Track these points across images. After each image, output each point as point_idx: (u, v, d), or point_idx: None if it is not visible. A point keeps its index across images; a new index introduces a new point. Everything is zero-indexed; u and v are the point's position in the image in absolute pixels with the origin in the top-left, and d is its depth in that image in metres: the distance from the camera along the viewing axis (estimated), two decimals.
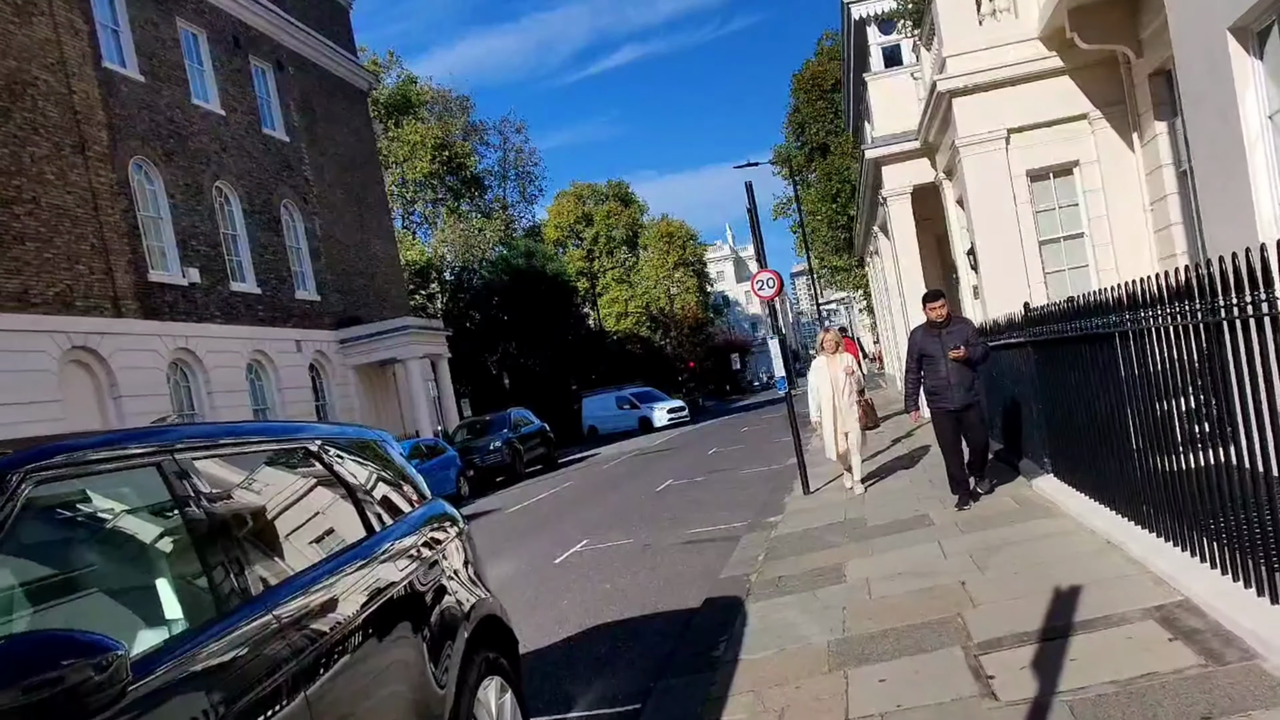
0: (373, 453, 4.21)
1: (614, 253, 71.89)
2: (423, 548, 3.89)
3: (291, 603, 2.81)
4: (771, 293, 11.91)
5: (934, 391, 8.99)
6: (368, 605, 3.20)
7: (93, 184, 21.44)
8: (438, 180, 52.19)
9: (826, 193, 39.98)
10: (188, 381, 23.93)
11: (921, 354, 9.09)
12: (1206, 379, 4.95)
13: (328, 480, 3.51)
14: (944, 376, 8.83)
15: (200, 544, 2.66)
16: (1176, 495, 5.63)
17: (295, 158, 29.86)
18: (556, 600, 9.19)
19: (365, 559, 3.38)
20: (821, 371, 11.27)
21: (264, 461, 3.27)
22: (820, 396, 11.26)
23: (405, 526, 3.88)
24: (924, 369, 9.09)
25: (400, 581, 3.51)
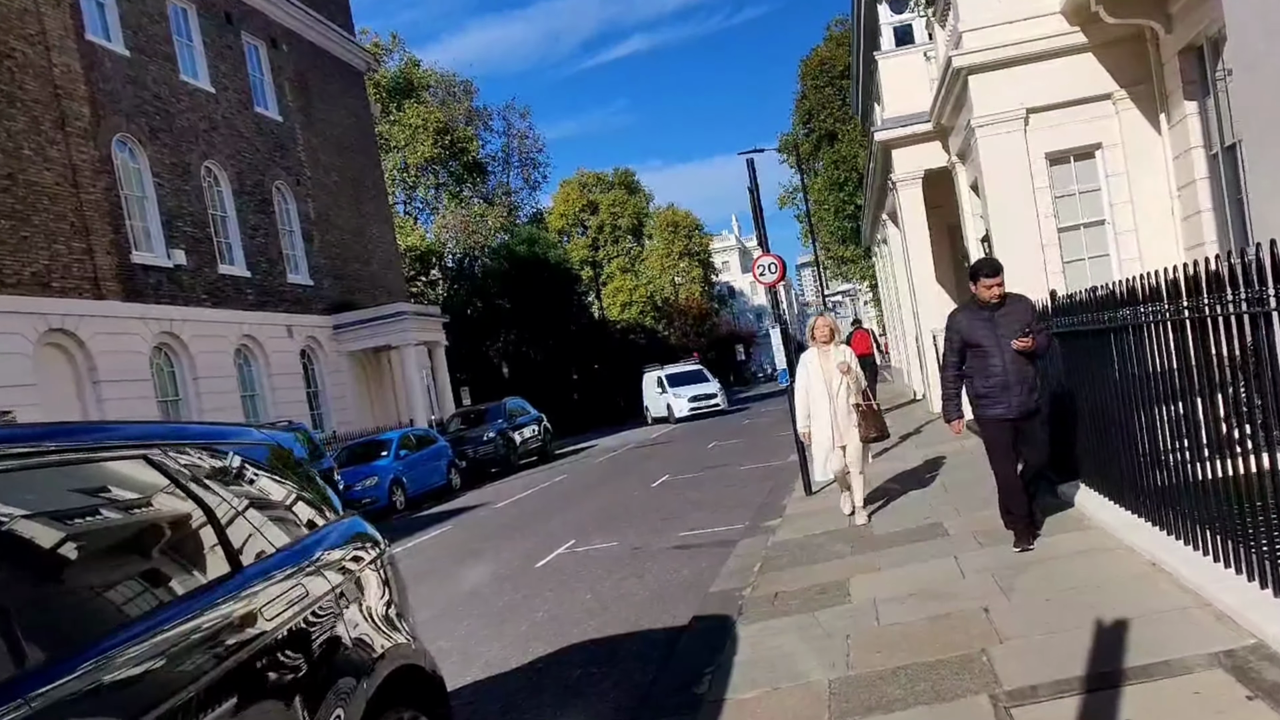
0: (257, 461, 3.33)
1: (619, 241, 70.99)
2: (317, 581, 3.04)
3: (76, 679, 1.96)
4: (774, 279, 11.05)
5: (985, 395, 6.71)
6: (213, 667, 2.35)
7: (73, 161, 20.60)
8: (440, 165, 51.30)
9: (833, 181, 39.05)
10: (172, 366, 23.12)
11: (966, 344, 6.78)
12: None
13: (171, 500, 2.65)
14: (1000, 374, 6.61)
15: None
16: (1240, 512, 4.77)
17: (289, 138, 28.99)
18: (532, 611, 8.35)
19: (219, 603, 2.53)
20: (813, 368, 8.90)
21: (71, 476, 2.41)
22: (811, 399, 8.90)
23: (291, 556, 3.02)
24: (970, 364, 6.83)
25: (271, 631, 2.66)
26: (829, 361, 8.84)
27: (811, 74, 40.39)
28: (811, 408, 8.89)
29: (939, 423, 16.37)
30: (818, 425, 8.87)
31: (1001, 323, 6.65)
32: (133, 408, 20.98)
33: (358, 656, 3.07)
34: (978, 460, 11.18)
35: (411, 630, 3.63)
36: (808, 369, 8.94)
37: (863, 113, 27.65)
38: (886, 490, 10.31)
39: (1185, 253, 13.69)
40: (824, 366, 8.84)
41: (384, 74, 48.93)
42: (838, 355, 8.90)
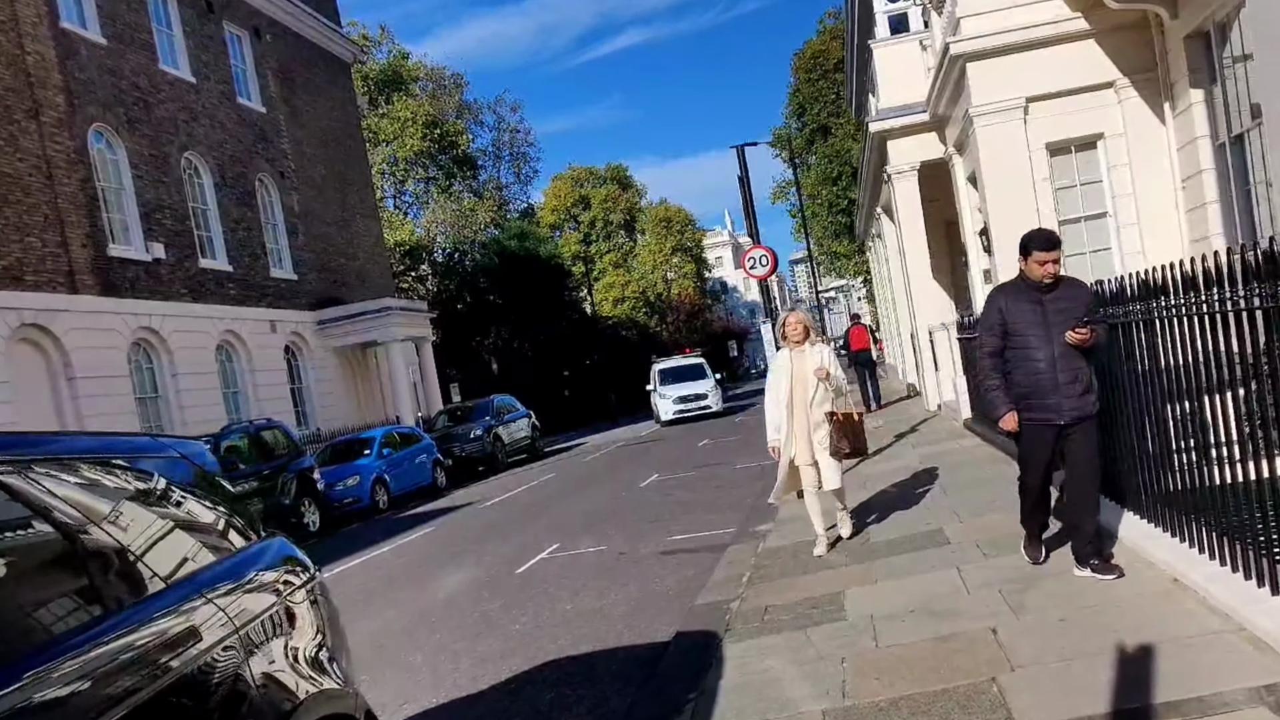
0: (150, 478, 2.85)
1: (611, 237, 70.56)
2: (219, 618, 2.57)
3: None
4: (765, 272, 10.60)
5: (1028, 393, 5.61)
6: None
7: (47, 151, 20.07)
8: (429, 159, 50.75)
9: (827, 175, 38.60)
10: (151, 363, 22.59)
11: (1009, 331, 5.67)
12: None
13: (29, 529, 2.17)
14: (1045, 370, 5.53)
15: None
16: (1273, 522, 4.33)
17: (272, 130, 28.44)
18: (509, 623, 7.88)
19: (85, 649, 2.05)
20: (784, 372, 7.64)
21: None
22: (782, 409, 7.59)
23: (189, 589, 2.55)
24: (1008, 354, 5.71)
25: (156, 680, 2.19)
26: (804, 365, 7.51)
27: (804, 67, 39.94)
28: (781, 418, 7.60)
29: (935, 420, 15.96)
30: (788, 439, 7.58)
31: (1052, 309, 5.50)
32: (110, 405, 20.49)
33: (273, 706, 2.60)
34: (978, 459, 10.77)
35: (344, 672, 3.16)
36: (779, 373, 7.71)
37: (857, 105, 27.21)
38: (882, 493, 9.86)
39: (1190, 246, 13.27)
40: (797, 371, 7.53)
41: (372, 66, 48.36)
42: (814, 358, 7.51)
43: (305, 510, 16.94)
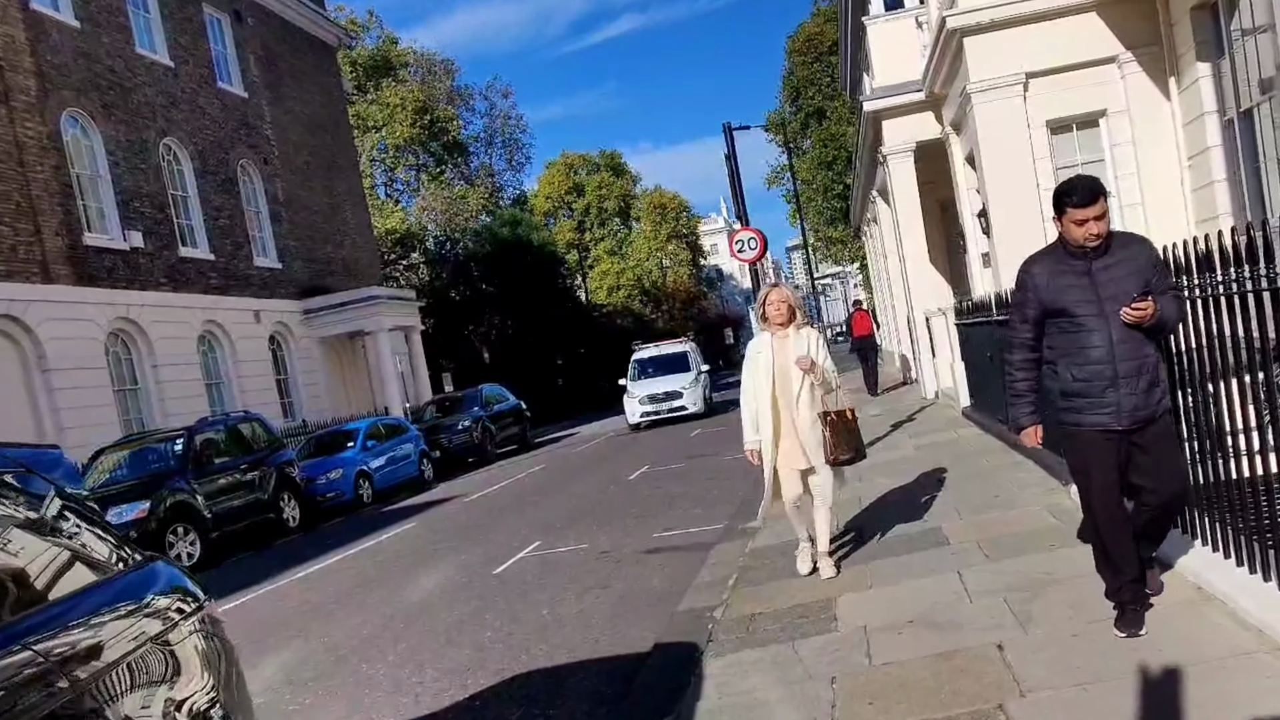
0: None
1: (606, 224, 69.98)
2: (69, 665, 2.08)
3: None
4: (754, 255, 10.08)
5: (1078, 393, 4.33)
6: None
7: (18, 137, 19.50)
8: (419, 145, 50.13)
9: (822, 160, 38.06)
10: (130, 354, 22.06)
11: (1049, 311, 4.37)
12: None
13: None
14: (1103, 360, 4.23)
15: None
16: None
17: (255, 115, 27.85)
18: (480, 631, 7.40)
19: None
20: (763, 362, 6.42)
21: None
22: (760, 406, 6.42)
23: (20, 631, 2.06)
24: (1053, 343, 4.41)
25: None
26: (786, 353, 6.31)
27: (798, 50, 39.35)
28: (760, 417, 6.41)
29: (933, 409, 15.49)
30: (770, 440, 6.36)
31: (1105, 279, 4.22)
32: (86, 397, 19.98)
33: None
34: (978, 450, 10.30)
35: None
36: (756, 363, 6.45)
37: (851, 85, 26.67)
38: (876, 486, 9.39)
39: (1196, 226, 12.80)
40: (779, 360, 6.32)
41: (361, 52, 47.72)
42: (798, 344, 6.31)
43: (284, 505, 16.44)
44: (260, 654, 7.94)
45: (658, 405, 26.12)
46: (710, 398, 28.21)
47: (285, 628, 8.81)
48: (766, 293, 6.55)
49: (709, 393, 28.32)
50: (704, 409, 26.45)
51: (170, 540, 13.46)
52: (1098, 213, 4.19)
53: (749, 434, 6.54)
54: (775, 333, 6.42)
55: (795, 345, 6.33)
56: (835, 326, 62.81)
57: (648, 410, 26.17)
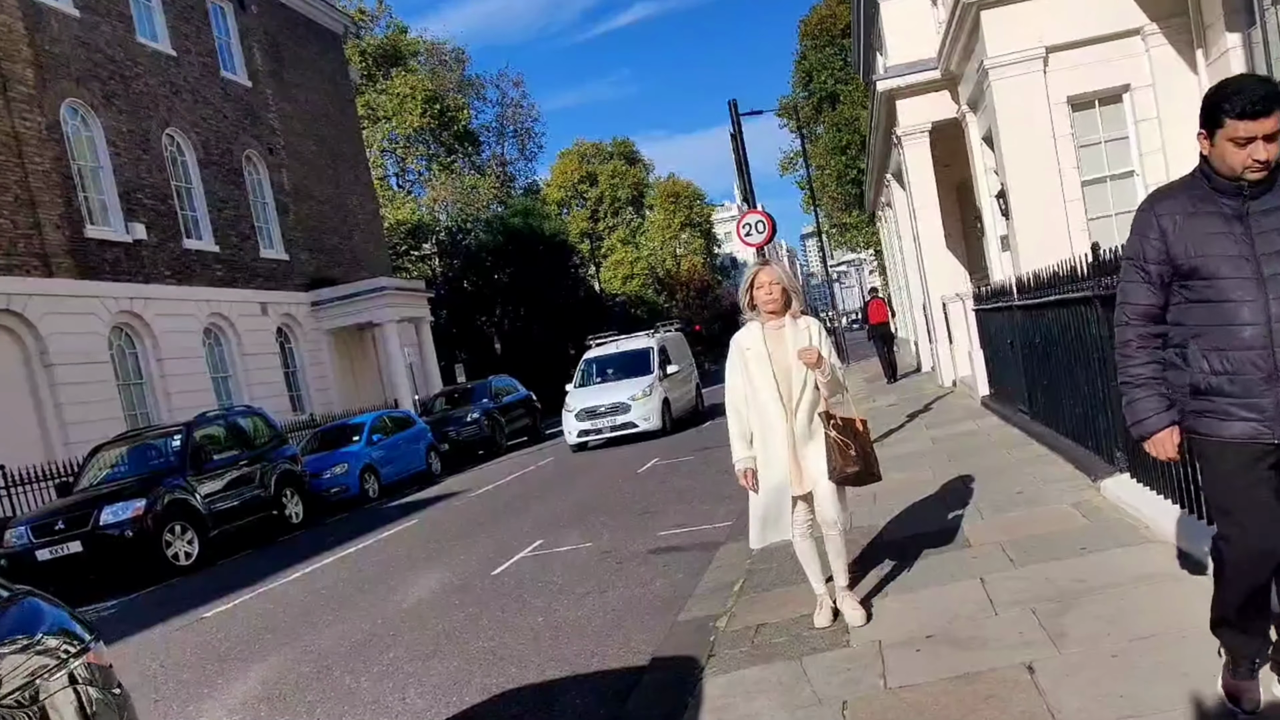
0: None
1: (619, 213, 69.47)
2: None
3: None
4: (762, 238, 9.58)
5: (1214, 387, 3.04)
6: None
7: (16, 128, 19.15)
8: (430, 135, 49.70)
9: (835, 144, 37.43)
10: (134, 347, 21.74)
11: (1179, 271, 3.07)
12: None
13: None
14: (1253, 341, 2.95)
15: None
16: None
17: (260, 105, 27.45)
18: (472, 639, 6.96)
19: None
20: (753, 358, 5.11)
21: None
22: (752, 414, 5.13)
23: None
24: (1181, 314, 3.11)
25: None
26: (783, 347, 5.03)
27: (811, 34, 38.70)
28: (754, 427, 5.08)
29: (951, 398, 14.96)
30: (768, 459, 5.02)
31: (1266, 226, 2.96)
32: (91, 392, 19.66)
33: None
34: (998, 443, 9.78)
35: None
36: (745, 360, 5.11)
37: (864, 67, 26.07)
38: (892, 482, 8.88)
39: None
40: (774, 355, 5.03)
41: (370, 41, 47.31)
42: (797, 336, 5.02)
43: (287, 501, 16.04)
44: (245, 663, 7.53)
45: (597, 422, 20.02)
46: (699, 401, 23.71)
47: (273, 633, 8.40)
48: (754, 273, 5.14)
49: (694, 397, 23.44)
50: (662, 425, 20.16)
51: (167, 539, 13.08)
52: (1270, 129, 2.86)
53: (739, 449, 5.11)
54: (767, 323, 5.08)
55: (793, 338, 5.02)
56: (851, 314, 62.01)
57: (585, 429, 20.10)
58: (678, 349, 23.50)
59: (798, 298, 5.15)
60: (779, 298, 5.05)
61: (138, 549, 12.73)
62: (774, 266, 5.18)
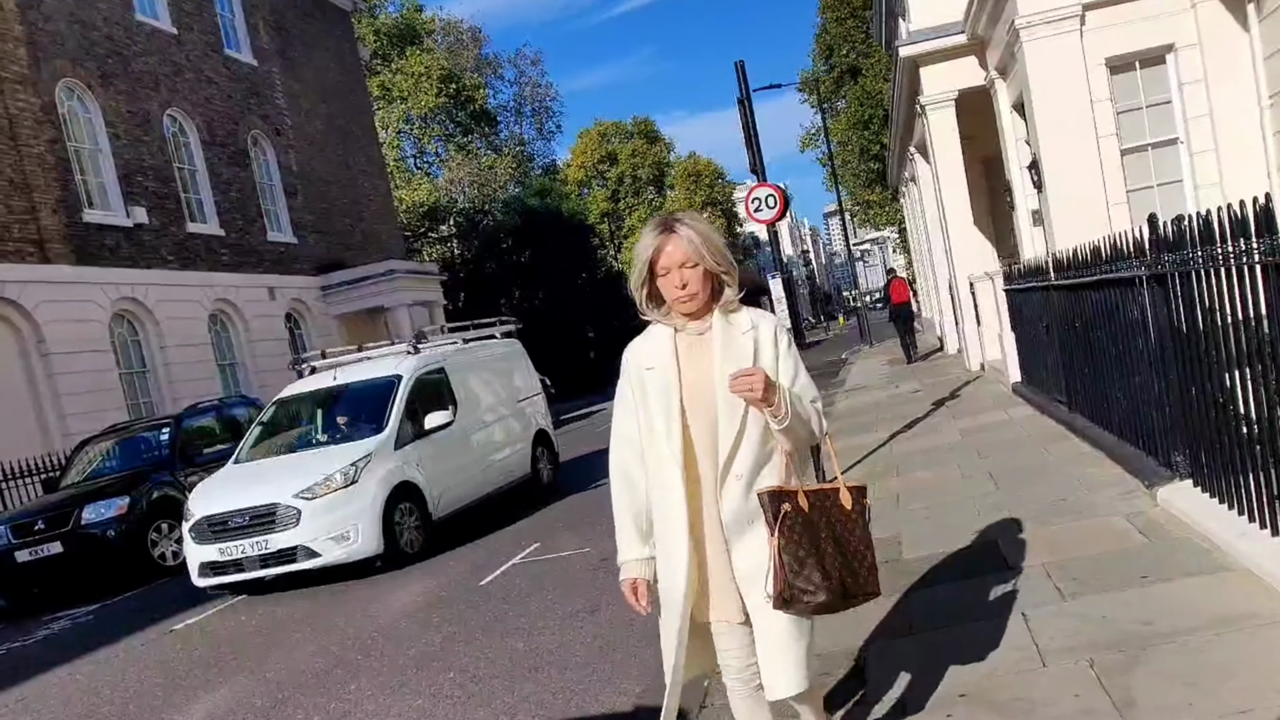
0: None
1: (640, 193, 68.47)
2: None
3: None
4: (773, 215, 8.69)
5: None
6: None
7: (9, 110, 18.46)
8: (446, 115, 48.85)
9: (857, 119, 36.28)
10: (137, 335, 21.10)
11: None
12: None
13: None
14: None
15: None
16: None
17: (265, 84, 26.67)
18: (444, 669, 6.15)
19: None
20: (656, 383, 2.92)
21: None
22: (651, 478, 2.94)
23: None
24: None
25: None
26: (706, 365, 2.90)
27: (831, 5, 37.49)
28: (653, 500, 2.95)
29: (979, 383, 14.02)
30: (668, 552, 2.89)
31: None
32: (91, 381, 19.03)
33: None
34: (1034, 436, 8.84)
35: None
36: (645, 390, 2.94)
37: (886, 36, 24.98)
38: (914, 483, 8.01)
39: (1278, 174, 11.26)
40: (689, 381, 2.90)
41: (384, 20, 46.47)
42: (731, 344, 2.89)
43: None
44: (197, 691, 6.76)
45: (230, 545, 9.59)
46: (544, 465, 13.55)
47: (237, 655, 7.62)
48: (653, 245, 2.85)
49: (527, 456, 13.06)
50: (380, 547, 9.67)
51: (153, 538, 12.36)
52: None
53: (628, 545, 3.01)
54: (682, 327, 2.96)
55: (725, 349, 2.87)
56: (874, 292, 60.78)
57: (215, 560, 9.68)
58: (492, 372, 13.12)
59: (731, 277, 2.89)
60: (699, 288, 2.84)
61: (121, 549, 12.01)
62: (685, 229, 2.82)
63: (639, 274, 2.93)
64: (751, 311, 2.97)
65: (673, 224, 2.86)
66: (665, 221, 2.88)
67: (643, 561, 2.98)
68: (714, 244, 2.86)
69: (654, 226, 2.88)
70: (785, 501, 2.76)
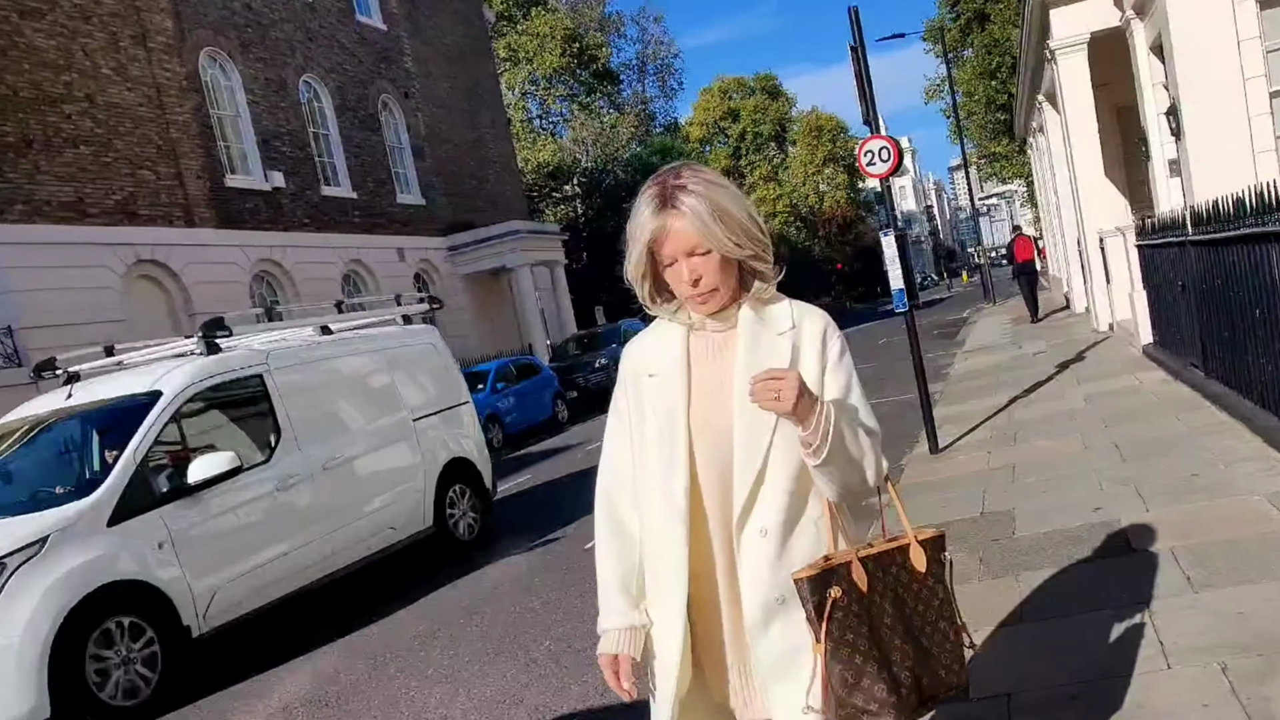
0: None
1: (761, 149, 67.24)
2: None
3: None
4: (886, 168, 8.15)
5: None
6: None
7: (157, 79, 18.97)
8: (570, 75, 48.72)
9: (984, 68, 34.56)
10: (275, 295, 21.61)
11: None
12: None
13: None
14: None
15: None
16: None
17: (395, 49, 26.88)
18: (535, 641, 5.97)
19: None
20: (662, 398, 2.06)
21: None
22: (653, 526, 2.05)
23: None
24: None
25: None
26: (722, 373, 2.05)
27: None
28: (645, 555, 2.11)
29: (1106, 345, 13.13)
30: (659, 633, 2.08)
31: None
32: None
33: None
34: (1165, 404, 8.13)
35: None
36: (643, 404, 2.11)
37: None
38: (1032, 451, 7.45)
39: None
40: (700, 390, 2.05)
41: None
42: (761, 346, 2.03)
43: None
44: (294, 661, 6.77)
45: None
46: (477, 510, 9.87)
47: (335, 618, 7.64)
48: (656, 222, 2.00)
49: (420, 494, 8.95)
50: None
51: None
52: None
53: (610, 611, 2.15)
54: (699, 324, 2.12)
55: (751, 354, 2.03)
56: (998, 249, 58.25)
57: None
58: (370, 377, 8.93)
59: (763, 260, 2.05)
60: (717, 281, 2.01)
61: None
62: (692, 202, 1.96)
63: (637, 261, 2.08)
64: (795, 304, 2.12)
65: (674, 195, 1.97)
66: (663, 190, 1.99)
67: (628, 632, 2.10)
68: (734, 218, 1.98)
69: (651, 197, 2.01)
70: (832, 584, 1.91)
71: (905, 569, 2.01)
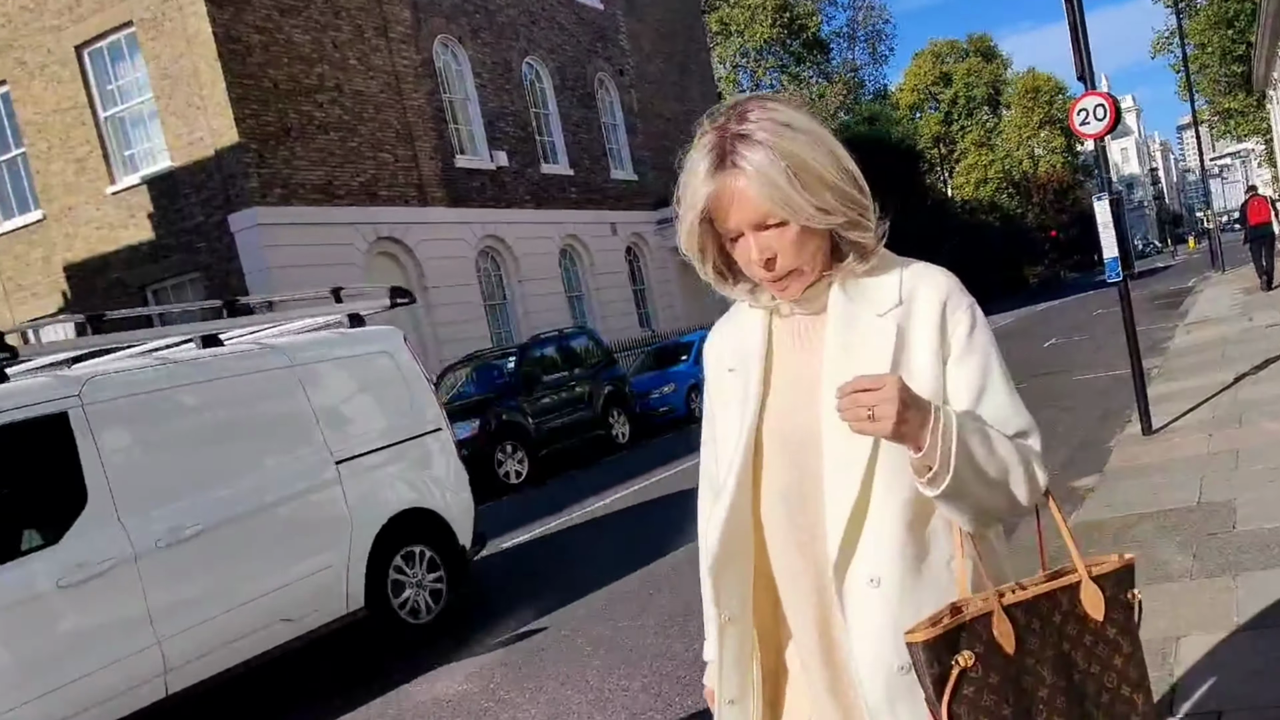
0: None
1: (973, 114, 64.23)
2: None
3: None
4: (1101, 128, 7.59)
5: None
6: None
7: (395, 67, 20.08)
8: (780, 46, 48.07)
9: (1219, 16, 31.59)
10: (498, 269, 22.55)
11: None
12: None
13: None
14: None
15: None
16: None
17: (610, 27, 27.29)
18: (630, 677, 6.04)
19: None
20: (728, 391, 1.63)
21: None
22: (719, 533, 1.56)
23: None
24: None
25: None
26: (809, 367, 1.54)
27: None
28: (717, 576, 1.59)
29: None
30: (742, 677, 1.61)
31: None
32: (460, 312, 20.61)
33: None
34: None
35: None
36: (727, 402, 1.64)
37: None
38: (1261, 436, 6.85)
39: None
40: (780, 392, 1.57)
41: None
42: (858, 334, 1.50)
43: (615, 421, 15.86)
44: (507, 609, 7.10)
45: None
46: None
47: (546, 576, 7.96)
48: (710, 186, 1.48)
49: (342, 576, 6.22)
50: None
51: (499, 458, 13.23)
52: None
53: (712, 640, 1.70)
54: (784, 310, 1.63)
55: (843, 343, 1.52)
56: (1230, 212, 53.19)
57: None
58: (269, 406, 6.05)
59: (860, 224, 1.56)
60: (794, 259, 1.51)
61: (472, 467, 12.91)
62: (756, 158, 1.45)
63: (689, 232, 1.58)
64: (909, 268, 1.57)
65: (734, 147, 1.45)
66: (721, 140, 1.47)
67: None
68: (817, 174, 1.48)
69: (706, 149, 1.49)
70: (961, 647, 1.36)
71: (1073, 617, 1.44)
